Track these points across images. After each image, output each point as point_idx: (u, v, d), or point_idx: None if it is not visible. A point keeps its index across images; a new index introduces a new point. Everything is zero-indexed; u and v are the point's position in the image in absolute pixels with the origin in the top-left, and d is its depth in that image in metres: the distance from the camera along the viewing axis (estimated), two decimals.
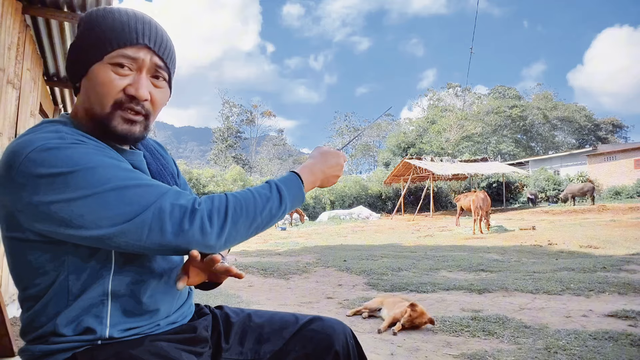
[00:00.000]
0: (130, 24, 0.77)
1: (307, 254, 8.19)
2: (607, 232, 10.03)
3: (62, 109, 5.17)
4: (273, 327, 0.97)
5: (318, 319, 0.98)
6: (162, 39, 0.81)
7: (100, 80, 0.76)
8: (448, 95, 55.13)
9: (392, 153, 41.84)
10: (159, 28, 0.81)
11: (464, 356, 2.51)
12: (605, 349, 2.54)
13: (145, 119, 0.81)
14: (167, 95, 0.85)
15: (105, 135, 0.79)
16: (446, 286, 4.62)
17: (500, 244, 9.20)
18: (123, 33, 0.76)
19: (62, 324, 0.75)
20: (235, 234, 0.74)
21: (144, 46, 0.78)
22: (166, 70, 0.83)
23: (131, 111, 0.78)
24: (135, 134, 0.80)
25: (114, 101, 0.76)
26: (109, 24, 0.76)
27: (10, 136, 2.88)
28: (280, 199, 0.80)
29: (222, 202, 0.74)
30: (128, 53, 0.76)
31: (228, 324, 0.98)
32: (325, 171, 0.92)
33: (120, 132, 0.78)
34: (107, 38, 0.76)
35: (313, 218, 24.99)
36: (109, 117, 0.77)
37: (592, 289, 4.23)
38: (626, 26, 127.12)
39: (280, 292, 4.67)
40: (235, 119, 54.08)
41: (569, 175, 28.81)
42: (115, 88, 0.76)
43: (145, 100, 0.79)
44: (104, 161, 0.70)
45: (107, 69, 0.76)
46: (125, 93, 0.77)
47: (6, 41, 2.62)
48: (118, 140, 0.80)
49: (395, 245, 10.13)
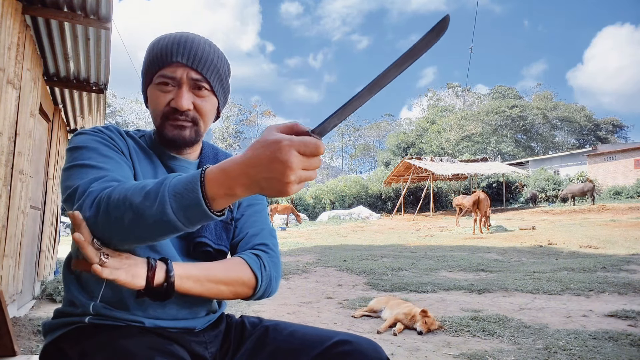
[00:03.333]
0: (167, 46, 0.88)
1: (307, 254, 8.19)
2: (607, 232, 10.03)
3: (62, 109, 5.17)
4: (292, 345, 0.87)
5: (347, 343, 0.83)
6: (196, 54, 0.88)
7: (152, 99, 0.91)
8: (448, 95, 55.19)
9: (392, 153, 41.88)
10: (194, 45, 0.89)
11: (464, 356, 2.51)
12: (605, 349, 2.54)
13: (193, 124, 0.91)
14: (212, 102, 0.93)
15: (162, 141, 0.93)
16: (446, 286, 4.62)
17: (500, 244, 9.20)
18: (161, 56, 0.88)
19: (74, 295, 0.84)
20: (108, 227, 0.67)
21: (178, 64, 0.87)
22: (205, 81, 0.90)
23: (177, 120, 0.89)
24: (184, 137, 0.91)
25: (162, 114, 0.90)
26: (156, 50, 0.89)
27: (10, 136, 2.88)
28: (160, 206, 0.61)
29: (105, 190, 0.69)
30: (166, 73, 0.88)
31: (242, 334, 0.94)
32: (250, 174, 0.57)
33: (170, 137, 0.90)
34: (153, 63, 0.89)
35: (313, 218, 25.00)
36: (161, 127, 0.91)
37: (592, 289, 4.23)
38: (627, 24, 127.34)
39: (280, 292, 4.67)
40: (235, 118, 54.14)
41: (569, 175, 28.82)
42: (161, 104, 0.89)
43: (188, 110, 0.89)
44: (92, 145, 0.84)
45: (155, 89, 0.90)
46: (170, 106, 0.89)
47: (6, 41, 2.62)
48: (171, 143, 0.92)
49: (395, 245, 10.13)
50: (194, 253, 0.89)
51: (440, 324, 3.09)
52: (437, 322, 3.08)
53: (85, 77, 4.23)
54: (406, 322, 3.10)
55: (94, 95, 4.86)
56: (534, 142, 50.77)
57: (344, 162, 64.69)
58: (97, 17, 3.03)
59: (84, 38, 3.44)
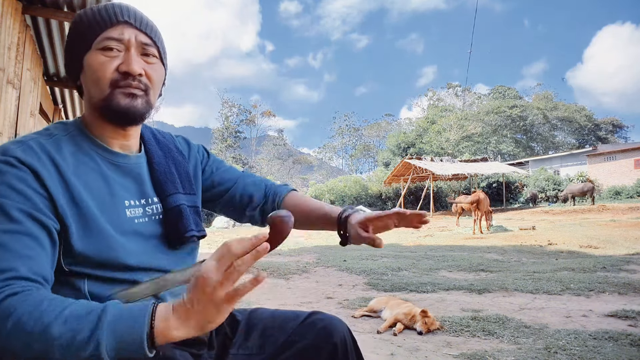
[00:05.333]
0: (107, 8, 0.80)
1: (307, 254, 8.19)
2: (607, 232, 10.03)
3: (62, 109, 5.17)
4: (275, 322, 0.99)
5: (317, 313, 0.99)
6: (142, 17, 0.83)
7: (94, 67, 0.78)
8: (448, 95, 55.21)
9: (392, 153, 41.88)
10: (137, 9, 0.83)
11: (464, 356, 2.51)
12: (605, 349, 2.54)
13: (145, 94, 0.82)
14: (161, 71, 0.86)
15: (110, 116, 0.80)
16: (446, 286, 4.62)
17: (500, 244, 9.20)
18: (103, 17, 0.79)
19: None
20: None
21: (125, 23, 0.79)
22: (154, 46, 0.83)
23: (129, 87, 0.79)
24: (137, 107, 0.80)
25: (109, 81, 0.78)
26: (90, 15, 0.80)
27: (10, 136, 2.88)
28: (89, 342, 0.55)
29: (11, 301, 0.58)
30: (112, 35, 0.78)
31: (234, 321, 1.00)
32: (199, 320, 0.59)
33: (123, 107, 0.79)
34: (91, 26, 0.79)
35: None
36: (109, 97, 0.78)
37: (592, 289, 4.23)
38: (628, 23, 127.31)
39: (280, 292, 4.67)
40: (235, 118, 54.12)
41: (569, 175, 28.83)
42: (108, 69, 0.78)
43: (140, 75, 0.80)
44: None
45: (98, 55, 0.78)
46: (119, 71, 0.78)
47: (6, 41, 2.62)
48: (122, 116, 0.80)
49: (395, 245, 10.13)
50: (180, 247, 0.89)
51: (440, 324, 3.09)
52: (437, 322, 3.08)
53: None
54: (406, 322, 3.10)
55: None
56: (534, 142, 50.78)
57: (344, 162, 64.74)
58: None
59: None
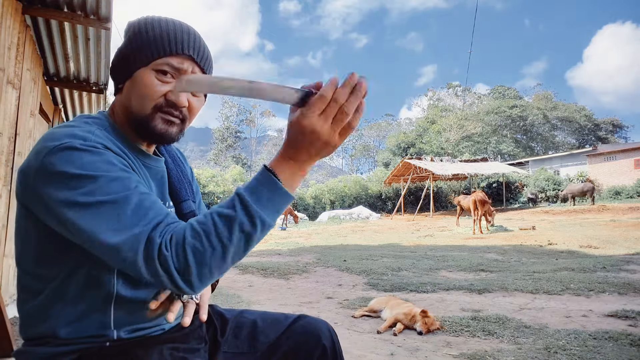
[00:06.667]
0: (177, 34, 0.81)
1: (307, 254, 8.19)
2: (607, 232, 10.03)
3: (62, 109, 5.17)
4: (265, 322, 1.02)
5: (304, 317, 1.03)
6: (205, 51, 0.85)
7: (144, 84, 0.80)
8: (448, 95, 55.17)
9: (392, 153, 41.88)
10: (202, 40, 0.85)
11: (464, 356, 2.51)
12: (605, 349, 2.54)
13: (181, 123, 0.85)
14: (202, 103, 0.90)
15: (143, 133, 0.83)
16: (446, 286, 4.62)
17: (500, 244, 9.20)
18: (170, 43, 0.80)
19: (61, 325, 0.75)
20: (209, 274, 0.67)
21: (188, 57, 0.82)
22: None
23: (170, 115, 0.82)
24: (171, 134, 0.84)
25: (154, 104, 0.81)
26: (157, 32, 0.81)
27: (10, 136, 2.88)
28: (250, 216, 0.66)
29: (180, 245, 0.65)
30: (173, 62, 0.80)
31: (223, 320, 1.03)
32: (310, 151, 0.70)
33: (158, 132, 0.82)
34: (155, 46, 0.80)
35: (313, 218, 24.99)
36: (148, 118, 0.81)
37: (592, 289, 4.23)
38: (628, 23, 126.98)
39: (280, 292, 4.67)
40: (235, 118, 54.15)
41: (569, 175, 28.81)
42: (157, 93, 0.80)
43: (184, 107, 0.83)
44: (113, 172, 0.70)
45: (151, 75, 0.80)
46: (166, 98, 0.81)
47: (6, 41, 2.62)
48: (155, 138, 0.84)
49: (395, 245, 10.13)
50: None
51: (440, 324, 3.09)
52: (437, 322, 3.08)
53: (85, 77, 4.23)
54: (406, 322, 3.10)
55: (94, 95, 4.87)
56: (534, 142, 50.77)
57: (344, 162, 64.75)
58: (97, 17, 3.03)
59: (84, 38, 3.44)
